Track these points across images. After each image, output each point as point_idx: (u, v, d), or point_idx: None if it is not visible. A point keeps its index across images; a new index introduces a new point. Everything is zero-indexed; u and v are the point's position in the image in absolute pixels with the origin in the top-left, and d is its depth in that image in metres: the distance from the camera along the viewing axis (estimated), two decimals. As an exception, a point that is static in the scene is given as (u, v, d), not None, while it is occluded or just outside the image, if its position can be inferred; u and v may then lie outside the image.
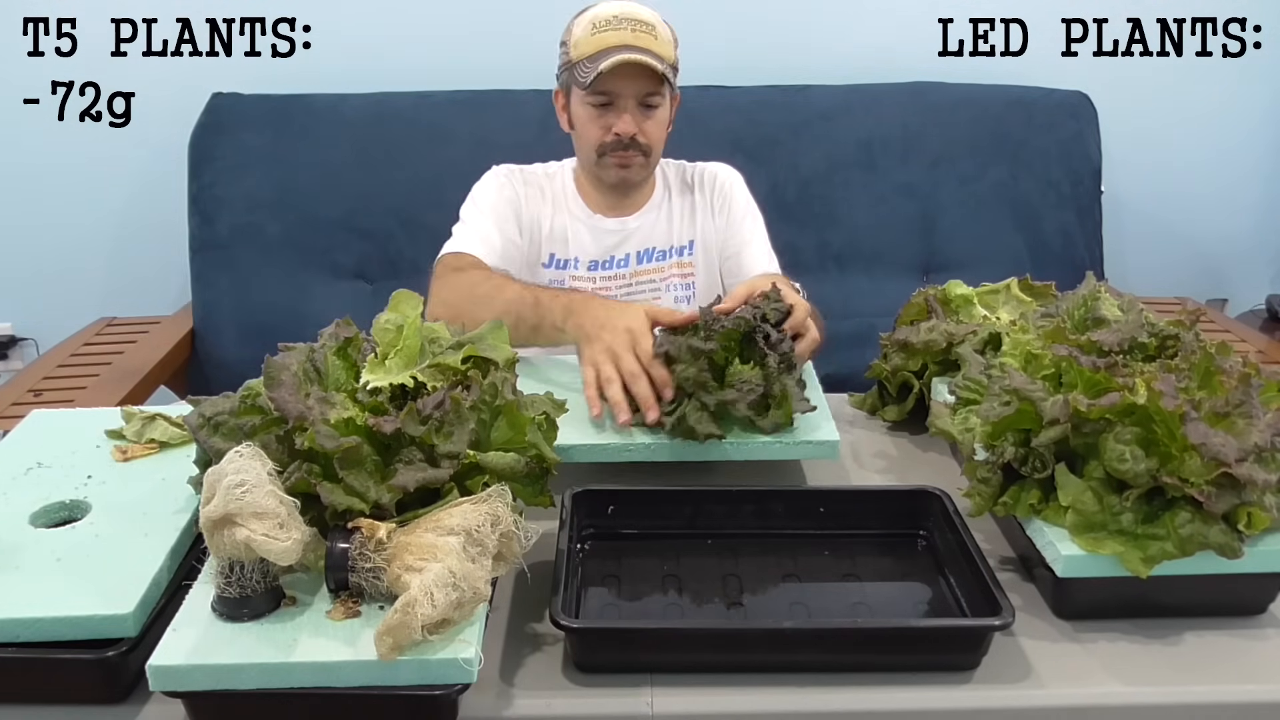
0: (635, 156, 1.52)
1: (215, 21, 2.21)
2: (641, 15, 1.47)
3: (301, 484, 0.77)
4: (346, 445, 0.77)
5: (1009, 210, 2.24)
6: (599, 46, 1.44)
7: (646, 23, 1.46)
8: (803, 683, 0.76)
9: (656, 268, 1.60)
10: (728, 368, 1.07)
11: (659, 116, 1.51)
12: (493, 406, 0.86)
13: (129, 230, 2.34)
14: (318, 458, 0.79)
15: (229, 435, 0.83)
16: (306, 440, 0.77)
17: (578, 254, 1.58)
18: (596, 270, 1.58)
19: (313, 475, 0.78)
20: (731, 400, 1.02)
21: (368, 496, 0.77)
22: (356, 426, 0.80)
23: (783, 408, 1.04)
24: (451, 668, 0.68)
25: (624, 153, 1.51)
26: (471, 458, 0.83)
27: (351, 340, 0.92)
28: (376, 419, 0.80)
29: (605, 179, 1.56)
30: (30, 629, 0.72)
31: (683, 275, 1.61)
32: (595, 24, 1.46)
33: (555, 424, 0.92)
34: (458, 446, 0.81)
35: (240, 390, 0.87)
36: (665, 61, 1.45)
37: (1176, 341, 1.02)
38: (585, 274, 1.57)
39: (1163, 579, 0.80)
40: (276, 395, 0.81)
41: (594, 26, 1.46)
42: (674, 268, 1.60)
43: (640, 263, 1.59)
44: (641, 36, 1.44)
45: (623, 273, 1.59)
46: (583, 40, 1.46)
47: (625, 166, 1.53)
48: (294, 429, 0.79)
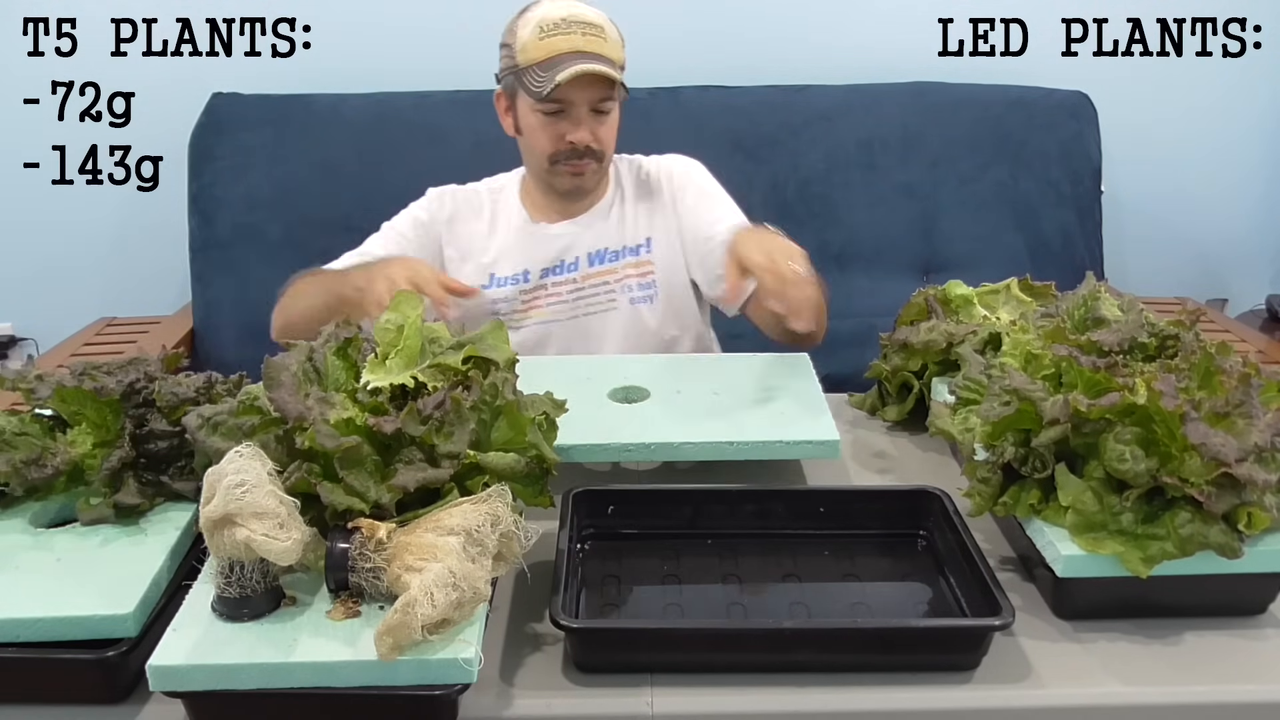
0: (589, 164, 1.49)
1: (215, 21, 2.21)
2: (589, 17, 1.42)
3: (301, 484, 0.77)
4: (346, 445, 0.77)
5: (1009, 210, 2.24)
6: (549, 53, 1.39)
7: (595, 24, 1.41)
8: (803, 683, 0.76)
9: (609, 269, 1.55)
10: None
11: (611, 120, 1.47)
12: (493, 406, 0.86)
13: (129, 230, 2.34)
14: (318, 458, 0.79)
15: (228, 435, 0.83)
16: (306, 440, 0.77)
17: (526, 266, 1.53)
18: (547, 277, 1.54)
19: (313, 475, 0.78)
20: None
21: (368, 496, 0.77)
22: (356, 426, 0.80)
23: None
24: (451, 668, 0.68)
25: (578, 161, 1.48)
26: (471, 458, 0.83)
27: (351, 340, 0.92)
28: (376, 419, 0.80)
29: (558, 186, 1.52)
30: (30, 629, 0.72)
31: (640, 274, 1.55)
32: (543, 28, 1.40)
33: (555, 424, 0.93)
34: (458, 446, 0.81)
35: (240, 394, 0.87)
36: (616, 65, 1.41)
37: (1176, 341, 1.02)
38: (535, 283, 1.53)
39: (1163, 579, 0.80)
40: (276, 395, 0.81)
41: (541, 30, 1.40)
42: (629, 268, 1.55)
43: (591, 264, 1.55)
44: (592, 40, 1.40)
45: (572, 277, 1.54)
46: (530, 44, 1.40)
47: (579, 174, 1.50)
48: (294, 429, 0.79)
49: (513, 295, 1.53)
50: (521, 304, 1.54)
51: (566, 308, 1.54)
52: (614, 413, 1.13)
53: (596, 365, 1.29)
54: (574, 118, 1.44)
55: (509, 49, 1.45)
